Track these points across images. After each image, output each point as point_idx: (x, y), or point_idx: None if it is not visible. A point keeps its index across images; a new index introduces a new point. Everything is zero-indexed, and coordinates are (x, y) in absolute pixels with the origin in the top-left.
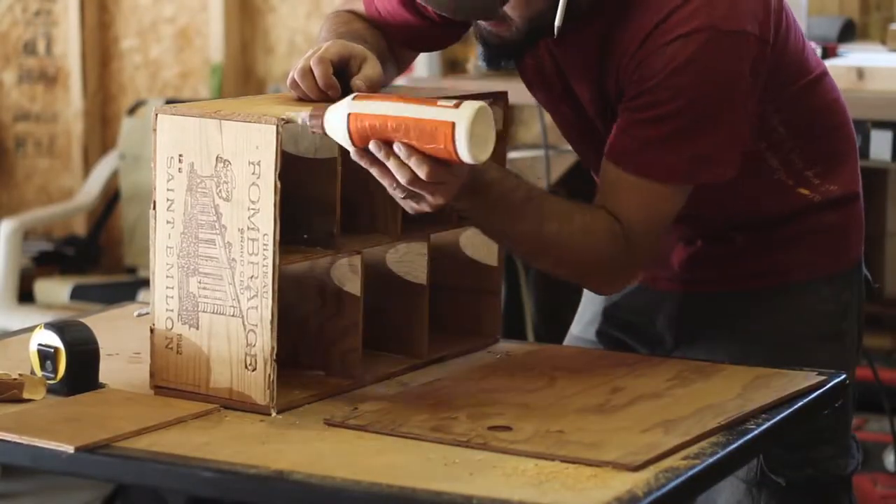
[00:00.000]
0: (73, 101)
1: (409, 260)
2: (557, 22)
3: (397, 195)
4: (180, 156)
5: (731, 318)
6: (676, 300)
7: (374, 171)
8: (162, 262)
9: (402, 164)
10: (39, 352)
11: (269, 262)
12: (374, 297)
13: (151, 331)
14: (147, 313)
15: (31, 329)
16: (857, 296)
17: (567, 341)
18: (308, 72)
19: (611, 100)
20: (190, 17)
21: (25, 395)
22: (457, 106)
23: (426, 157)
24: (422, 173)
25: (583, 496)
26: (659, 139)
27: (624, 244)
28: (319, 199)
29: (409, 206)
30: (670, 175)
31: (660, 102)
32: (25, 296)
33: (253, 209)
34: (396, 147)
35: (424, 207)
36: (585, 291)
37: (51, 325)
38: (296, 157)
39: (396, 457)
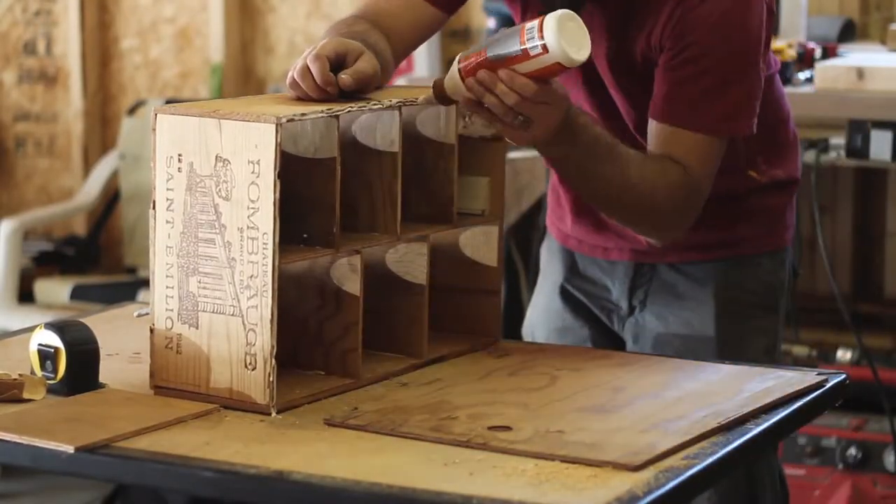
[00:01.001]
0: (73, 101)
1: (408, 260)
2: None
3: (508, 121)
4: (180, 155)
5: (680, 286)
6: (629, 270)
7: (486, 101)
8: (162, 262)
9: (509, 90)
10: (39, 352)
11: (269, 261)
12: (373, 296)
13: (151, 331)
14: (147, 313)
15: (31, 329)
16: (788, 274)
17: (527, 328)
18: (307, 71)
19: (635, 60)
20: (190, 17)
21: (25, 395)
22: (542, 36)
23: (529, 79)
24: (527, 92)
25: (583, 496)
26: (702, 93)
27: (690, 190)
28: (319, 198)
29: (519, 136)
30: (717, 127)
31: (700, 56)
32: (25, 296)
33: (252, 208)
34: (501, 72)
35: (535, 132)
36: (541, 270)
37: (51, 325)
38: (295, 157)
39: (396, 457)
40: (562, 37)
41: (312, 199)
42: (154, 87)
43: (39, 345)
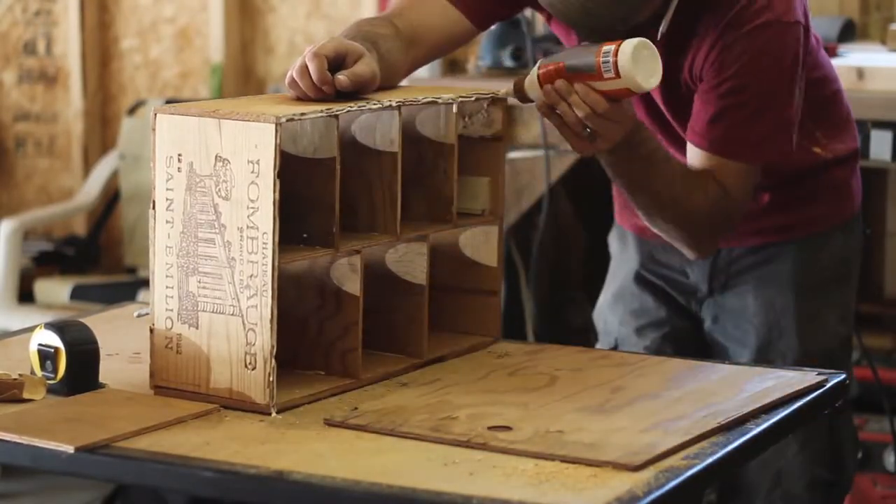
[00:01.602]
0: (73, 101)
1: (408, 260)
2: (662, 28)
3: (578, 130)
4: (179, 155)
5: (759, 267)
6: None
7: (559, 108)
8: (161, 262)
9: (582, 101)
10: (39, 352)
11: (269, 260)
12: (373, 296)
13: (151, 331)
14: (147, 313)
15: (31, 329)
16: (859, 240)
17: (598, 314)
18: (305, 70)
19: (680, 87)
20: (190, 17)
21: (25, 395)
22: (616, 60)
23: (601, 96)
24: (598, 108)
25: (583, 496)
26: (742, 122)
27: (727, 211)
28: (319, 198)
29: (583, 146)
30: (754, 155)
31: (740, 88)
32: (25, 296)
33: (252, 208)
34: (577, 85)
35: (598, 145)
36: (612, 259)
37: (51, 325)
38: (295, 157)
39: (396, 457)
40: (635, 64)
41: (312, 198)
42: (154, 87)
43: (39, 345)
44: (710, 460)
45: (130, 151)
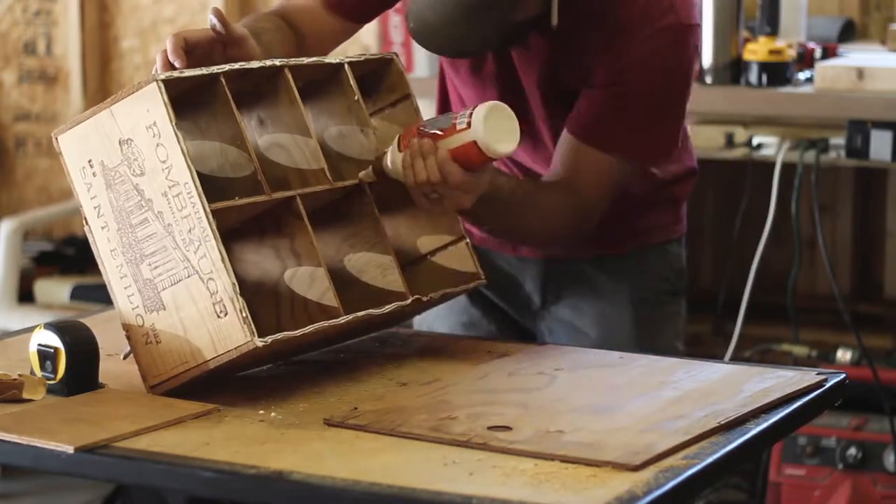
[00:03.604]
0: (73, 101)
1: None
2: (554, 21)
3: (426, 192)
4: (89, 161)
5: (594, 278)
6: (540, 265)
7: (415, 165)
8: (112, 268)
9: (436, 168)
10: (39, 352)
11: (198, 205)
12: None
13: (128, 337)
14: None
15: (31, 329)
16: (686, 257)
17: (423, 322)
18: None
19: (567, 86)
20: (190, 17)
21: (25, 395)
22: (470, 116)
23: (457, 166)
24: (451, 179)
25: (582, 496)
26: (627, 124)
27: (584, 220)
28: (243, 182)
29: (430, 206)
30: (632, 155)
31: (633, 91)
32: (25, 296)
33: (166, 168)
34: (440, 151)
35: (443, 207)
36: None
37: (51, 325)
38: (217, 178)
39: (396, 457)
40: (487, 120)
41: (237, 188)
42: None
43: (39, 345)
44: (710, 460)
45: None
